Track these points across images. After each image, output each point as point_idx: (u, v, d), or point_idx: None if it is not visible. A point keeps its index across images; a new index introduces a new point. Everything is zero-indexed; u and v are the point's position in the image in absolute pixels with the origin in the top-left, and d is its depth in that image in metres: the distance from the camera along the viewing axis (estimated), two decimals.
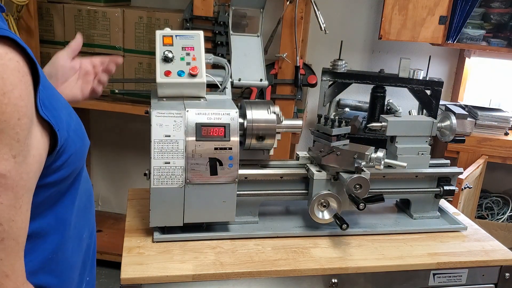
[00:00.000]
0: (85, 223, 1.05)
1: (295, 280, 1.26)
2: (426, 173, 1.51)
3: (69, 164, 0.87)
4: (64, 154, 0.85)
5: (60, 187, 0.89)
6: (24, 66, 0.75)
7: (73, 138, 0.87)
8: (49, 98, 0.81)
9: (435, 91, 2.13)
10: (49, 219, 0.89)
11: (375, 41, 2.97)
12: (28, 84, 0.75)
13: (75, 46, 1.29)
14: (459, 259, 1.35)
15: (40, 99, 0.78)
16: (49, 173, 0.84)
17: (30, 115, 0.75)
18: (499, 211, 3.02)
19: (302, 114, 2.63)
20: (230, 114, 1.28)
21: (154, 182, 1.25)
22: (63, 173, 0.87)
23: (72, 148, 0.87)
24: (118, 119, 3.08)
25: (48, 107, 0.79)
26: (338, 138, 1.43)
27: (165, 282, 1.19)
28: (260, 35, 1.63)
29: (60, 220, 0.91)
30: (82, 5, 2.56)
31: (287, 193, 1.43)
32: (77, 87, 1.29)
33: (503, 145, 2.67)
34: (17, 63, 0.73)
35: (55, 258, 0.92)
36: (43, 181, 0.83)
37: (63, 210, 0.92)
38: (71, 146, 0.86)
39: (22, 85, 0.73)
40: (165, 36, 1.36)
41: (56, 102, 0.83)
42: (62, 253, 0.93)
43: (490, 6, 2.72)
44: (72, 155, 0.87)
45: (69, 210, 0.94)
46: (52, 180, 0.85)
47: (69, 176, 0.90)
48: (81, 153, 0.92)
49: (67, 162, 0.86)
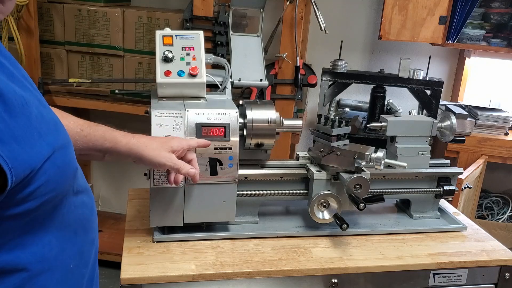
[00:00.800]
0: (77, 253, 0.96)
1: (295, 280, 1.26)
2: (426, 173, 1.51)
3: (38, 195, 0.79)
4: (29, 186, 0.77)
5: (29, 219, 0.81)
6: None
7: (46, 168, 0.79)
8: (11, 129, 0.72)
9: (435, 91, 2.12)
10: (14, 253, 0.82)
11: (375, 41, 2.97)
12: None
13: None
14: (459, 259, 1.35)
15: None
16: (8, 206, 0.76)
17: None
18: (499, 211, 3.02)
19: (302, 114, 2.62)
20: (230, 114, 1.28)
21: (154, 182, 1.25)
22: (29, 205, 0.79)
23: (41, 179, 0.78)
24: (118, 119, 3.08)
25: (5, 141, 0.71)
26: (338, 138, 1.43)
27: (165, 282, 1.19)
28: (260, 35, 1.63)
29: (29, 254, 0.84)
30: (82, 5, 2.56)
31: (287, 193, 1.43)
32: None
33: (503, 145, 2.67)
34: None
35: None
36: (0, 213, 0.76)
37: (34, 243, 0.84)
38: (41, 177, 0.78)
39: None
40: (165, 36, 1.36)
41: (24, 132, 0.75)
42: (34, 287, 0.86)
43: (490, 6, 2.71)
44: (42, 186, 0.79)
45: (45, 241, 0.86)
46: (13, 212, 0.77)
47: (41, 206, 0.81)
48: (55, 183, 0.83)
49: (34, 194, 0.78)
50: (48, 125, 0.83)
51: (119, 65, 2.62)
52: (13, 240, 0.81)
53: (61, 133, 0.87)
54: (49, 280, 0.89)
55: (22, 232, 0.82)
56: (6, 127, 0.71)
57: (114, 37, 2.57)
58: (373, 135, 2.28)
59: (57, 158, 0.82)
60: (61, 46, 2.62)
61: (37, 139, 0.78)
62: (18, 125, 0.74)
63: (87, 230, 1.00)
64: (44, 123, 0.81)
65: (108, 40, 2.57)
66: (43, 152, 0.79)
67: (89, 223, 1.01)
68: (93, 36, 2.58)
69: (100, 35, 2.57)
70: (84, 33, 2.58)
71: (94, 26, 2.56)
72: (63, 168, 0.85)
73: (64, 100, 2.59)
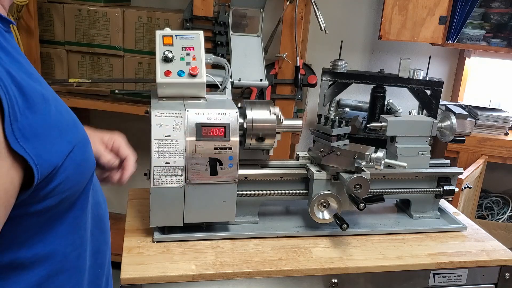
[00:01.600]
0: (92, 252, 0.97)
1: (295, 280, 1.26)
2: (426, 173, 1.51)
3: (58, 192, 0.80)
4: (51, 183, 0.78)
5: (48, 216, 0.82)
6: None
7: (66, 165, 0.80)
8: (34, 126, 0.73)
9: (435, 91, 2.12)
10: (35, 249, 0.82)
11: (375, 41, 2.97)
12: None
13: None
14: (459, 259, 1.35)
15: (16, 130, 0.69)
16: (31, 203, 0.77)
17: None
18: (499, 211, 3.02)
19: (302, 114, 2.62)
20: (230, 114, 1.28)
21: (154, 182, 1.25)
22: (50, 202, 0.79)
23: (62, 176, 0.79)
24: (118, 119, 3.08)
25: (28, 138, 0.71)
26: (338, 138, 1.43)
27: (165, 282, 1.19)
28: (260, 35, 1.63)
29: (49, 251, 0.84)
30: (82, 5, 2.56)
31: (287, 193, 1.43)
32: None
33: (503, 145, 2.67)
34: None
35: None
36: (24, 211, 0.76)
37: (54, 240, 0.85)
38: (61, 174, 0.79)
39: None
40: (165, 36, 1.36)
41: (46, 129, 0.76)
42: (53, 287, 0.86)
43: (490, 6, 2.71)
44: (63, 183, 0.80)
45: (64, 240, 0.87)
46: (36, 209, 0.78)
47: (60, 204, 0.82)
48: (74, 180, 0.84)
49: (55, 191, 0.79)
50: (67, 122, 0.83)
51: (119, 65, 2.62)
52: (34, 237, 0.82)
53: (80, 130, 0.87)
54: (67, 280, 0.89)
55: (43, 229, 0.83)
56: (29, 125, 0.71)
57: (114, 37, 2.57)
58: (373, 135, 2.28)
59: (76, 155, 0.82)
60: (61, 46, 2.62)
61: (58, 137, 0.78)
62: (40, 122, 0.74)
63: (102, 230, 1.01)
64: (63, 121, 0.82)
65: (108, 40, 2.57)
66: (64, 150, 0.79)
67: (104, 223, 1.02)
68: (93, 36, 2.58)
69: (100, 35, 2.57)
70: (84, 33, 2.58)
71: (94, 26, 2.56)
72: (82, 165, 0.86)
73: (64, 100, 2.54)
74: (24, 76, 0.74)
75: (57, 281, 0.87)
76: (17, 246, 0.80)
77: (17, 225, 0.77)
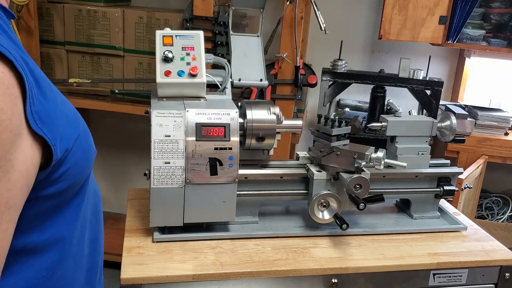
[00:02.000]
0: (90, 240, 1.00)
1: (295, 280, 1.26)
2: (426, 173, 1.51)
3: (68, 177, 0.84)
4: (62, 166, 0.82)
5: (58, 201, 0.86)
6: (11, 77, 0.70)
7: (75, 150, 0.84)
8: (48, 111, 0.78)
9: (435, 91, 2.13)
10: (46, 234, 0.85)
11: (375, 41, 2.97)
12: (14, 96, 0.70)
13: None
14: (459, 259, 1.35)
15: (34, 113, 0.74)
16: (44, 186, 0.80)
17: (15, 129, 0.71)
18: (499, 211, 3.02)
19: (302, 114, 2.62)
20: (230, 114, 1.28)
21: (154, 182, 1.25)
22: (60, 186, 0.83)
23: (71, 161, 0.83)
24: (118, 119, 3.08)
25: (45, 121, 0.76)
26: (338, 138, 1.43)
27: (165, 282, 1.19)
28: (260, 35, 1.63)
29: (59, 236, 0.87)
30: (82, 5, 2.56)
31: (287, 193, 1.43)
32: None
33: (503, 145, 2.67)
34: (1, 74, 0.69)
35: (51, 277, 0.87)
36: (37, 194, 0.79)
37: (62, 226, 0.88)
38: (71, 159, 0.83)
39: (6, 97, 0.69)
40: (165, 36, 1.36)
41: (57, 115, 0.80)
42: (61, 272, 0.89)
43: (490, 6, 2.72)
44: (71, 168, 0.84)
45: (70, 225, 0.90)
46: (47, 193, 0.82)
47: (68, 189, 0.86)
48: (81, 166, 0.88)
49: (65, 175, 0.83)
50: (71, 111, 0.89)
51: (119, 65, 2.62)
52: (45, 222, 0.85)
53: (80, 119, 0.92)
54: (72, 264, 0.92)
55: (53, 214, 0.86)
56: (44, 109, 0.76)
57: (114, 37, 2.57)
58: (373, 135, 2.29)
59: (82, 141, 0.88)
60: (61, 46, 2.63)
61: (66, 123, 0.83)
62: (51, 107, 0.79)
63: (98, 219, 1.05)
64: (68, 110, 0.87)
65: (108, 40, 2.57)
66: (73, 135, 0.84)
67: (100, 212, 1.06)
68: (93, 36, 2.58)
69: (100, 35, 2.57)
70: (84, 33, 2.58)
71: (94, 26, 2.56)
72: (87, 151, 0.91)
73: None
74: (33, 67, 0.78)
75: (66, 265, 0.90)
76: (30, 231, 0.82)
77: (30, 209, 0.80)
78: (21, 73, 0.71)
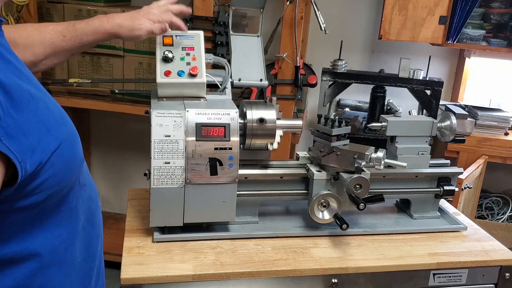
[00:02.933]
0: (83, 246, 0.99)
1: (295, 280, 1.26)
2: (426, 173, 1.51)
3: (45, 188, 0.81)
4: (36, 179, 0.79)
5: (36, 212, 0.83)
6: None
7: (52, 161, 0.81)
8: (18, 124, 0.74)
9: (435, 91, 2.12)
10: (24, 244, 0.83)
11: (375, 41, 2.97)
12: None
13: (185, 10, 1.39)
14: (459, 259, 1.35)
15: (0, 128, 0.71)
16: (16, 199, 0.78)
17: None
18: (499, 211, 3.01)
19: (302, 114, 2.62)
20: (230, 114, 1.28)
21: (154, 182, 1.25)
22: (36, 198, 0.81)
23: (48, 172, 0.80)
24: (118, 119, 3.08)
25: (13, 135, 0.72)
26: (338, 138, 1.43)
27: (165, 282, 1.19)
28: (260, 35, 1.63)
29: (38, 246, 0.86)
30: (82, 5, 2.56)
31: (287, 193, 1.43)
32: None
33: (503, 145, 2.67)
34: None
35: (29, 285, 0.86)
36: (9, 206, 0.78)
37: (42, 235, 0.86)
38: (47, 170, 0.80)
39: None
40: (165, 36, 1.36)
41: (30, 126, 0.76)
42: (41, 280, 0.87)
43: (490, 6, 2.71)
44: (49, 179, 0.81)
45: (52, 234, 0.88)
46: (21, 205, 0.79)
47: (47, 200, 0.83)
48: (61, 176, 0.85)
49: (41, 187, 0.80)
50: (55, 118, 0.85)
51: (119, 65, 2.62)
52: (22, 232, 0.83)
53: (68, 125, 0.89)
54: (57, 272, 0.91)
55: (31, 224, 0.84)
56: (13, 122, 0.73)
57: None
58: (373, 135, 2.28)
59: (64, 150, 0.84)
60: None
61: (44, 134, 0.80)
62: (25, 120, 0.76)
63: (93, 224, 1.03)
64: (51, 117, 0.83)
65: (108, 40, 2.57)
66: (50, 146, 0.80)
67: (95, 217, 1.04)
68: None
69: None
70: None
71: None
72: (70, 160, 0.87)
73: (64, 100, 2.59)
74: (10, 74, 0.75)
75: (47, 273, 0.88)
76: (5, 242, 0.81)
77: (3, 220, 0.78)
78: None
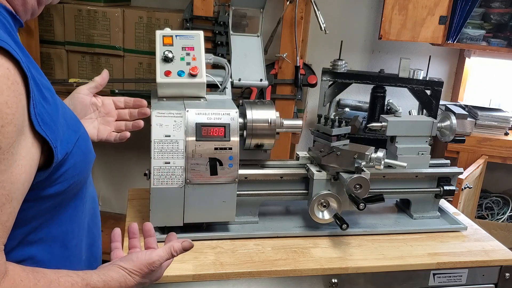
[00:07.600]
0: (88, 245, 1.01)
1: (295, 280, 1.26)
2: (426, 173, 1.51)
3: (67, 177, 0.85)
4: (61, 167, 0.83)
5: (57, 202, 0.87)
6: (16, 75, 0.72)
7: (74, 152, 0.86)
8: (50, 114, 0.80)
9: (435, 91, 2.12)
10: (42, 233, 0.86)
11: (375, 41, 2.97)
12: (18, 93, 0.72)
13: (99, 82, 1.24)
14: (459, 259, 1.35)
15: (37, 114, 0.76)
16: (45, 186, 0.82)
17: (18, 124, 0.72)
18: (499, 211, 3.01)
19: (302, 114, 2.62)
20: (230, 114, 1.28)
21: (154, 182, 1.25)
22: (60, 187, 0.85)
23: (71, 162, 0.85)
24: None
25: (47, 123, 0.78)
26: (338, 138, 1.43)
27: (165, 282, 1.19)
28: (260, 35, 1.63)
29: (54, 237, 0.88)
30: (82, 5, 2.56)
31: (287, 193, 1.43)
32: (94, 126, 1.24)
33: (503, 145, 2.67)
34: (7, 70, 0.70)
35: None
36: (38, 194, 0.81)
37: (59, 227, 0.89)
38: (70, 160, 0.85)
39: (11, 92, 0.70)
40: (165, 36, 1.36)
41: (58, 119, 0.82)
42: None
43: (490, 6, 2.71)
44: (71, 169, 0.85)
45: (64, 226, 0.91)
46: (48, 193, 0.83)
47: (67, 190, 0.87)
48: (80, 167, 0.89)
49: (64, 175, 0.84)
50: (70, 114, 0.91)
51: (119, 65, 2.62)
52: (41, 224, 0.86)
53: (80, 123, 0.94)
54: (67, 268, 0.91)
55: (49, 215, 0.87)
56: (46, 112, 0.78)
57: (114, 37, 2.57)
58: (373, 135, 2.28)
59: (81, 144, 0.89)
60: (61, 46, 2.62)
61: (66, 127, 0.85)
62: (53, 111, 0.81)
63: (96, 224, 1.06)
64: (67, 112, 0.89)
65: (108, 40, 2.57)
66: (71, 138, 0.86)
67: (97, 218, 1.07)
68: (93, 36, 2.57)
69: (100, 35, 2.57)
70: (84, 33, 2.58)
71: (94, 26, 2.56)
72: (86, 154, 0.92)
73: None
74: (35, 72, 0.79)
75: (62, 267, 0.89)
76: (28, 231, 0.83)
77: (30, 209, 0.81)
78: (26, 73, 0.74)
